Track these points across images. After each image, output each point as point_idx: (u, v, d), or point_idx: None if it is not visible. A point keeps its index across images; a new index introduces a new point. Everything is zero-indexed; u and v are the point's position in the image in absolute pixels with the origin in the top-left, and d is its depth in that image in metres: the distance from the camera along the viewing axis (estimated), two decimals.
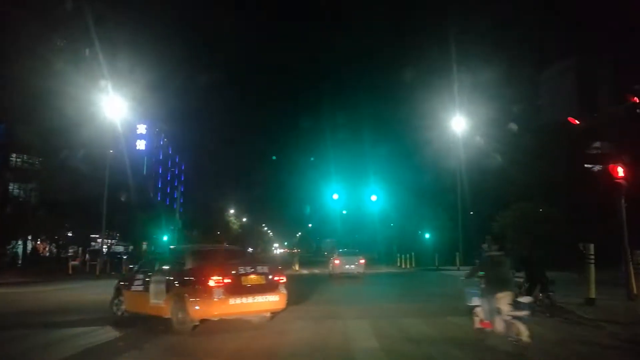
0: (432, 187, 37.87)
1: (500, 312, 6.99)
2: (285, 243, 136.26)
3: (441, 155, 37.63)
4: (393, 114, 44.11)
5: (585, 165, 46.52)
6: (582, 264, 11.49)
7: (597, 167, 47.88)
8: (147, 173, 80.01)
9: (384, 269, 30.15)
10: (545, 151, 40.48)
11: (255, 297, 8.81)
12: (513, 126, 38.55)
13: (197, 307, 8.45)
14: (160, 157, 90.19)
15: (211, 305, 8.41)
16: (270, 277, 9.16)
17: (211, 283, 8.43)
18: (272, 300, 9.03)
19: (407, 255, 30.57)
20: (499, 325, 7.03)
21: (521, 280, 10.78)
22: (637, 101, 12.87)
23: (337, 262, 23.52)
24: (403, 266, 30.65)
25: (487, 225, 33.59)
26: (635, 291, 11.68)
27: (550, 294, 10.19)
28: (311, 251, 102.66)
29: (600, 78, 49.94)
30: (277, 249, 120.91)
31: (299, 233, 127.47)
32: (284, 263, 43.58)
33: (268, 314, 9.47)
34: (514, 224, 31.79)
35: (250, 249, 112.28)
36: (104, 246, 44.63)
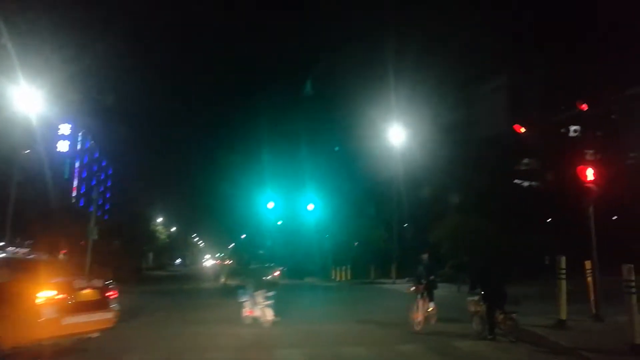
0: (369, 197, 37.14)
1: (257, 304, 11.21)
2: (218, 255, 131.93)
3: (378, 165, 37.18)
4: (331, 123, 43.20)
5: (515, 181, 48.19)
6: (543, 278, 10.43)
7: (526, 183, 49.69)
8: (69, 177, 74.55)
9: (318, 282, 28.78)
10: (479, 164, 41.28)
11: (91, 314, 7.75)
12: None
13: (17, 331, 6.81)
14: (86, 161, 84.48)
15: (38, 327, 6.85)
16: (103, 292, 8.35)
17: (39, 300, 6.92)
18: (106, 318, 8.21)
19: (343, 267, 29.35)
20: (257, 312, 11.21)
21: (475, 299, 9.64)
22: (585, 109, 12.20)
23: (277, 272, 26.00)
24: (338, 279, 29.41)
25: (423, 236, 33.29)
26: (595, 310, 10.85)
27: (514, 315, 8.85)
28: (244, 263, 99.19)
29: (530, 96, 51.69)
30: (208, 261, 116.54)
31: (232, 244, 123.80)
32: (213, 275, 41.31)
33: (96, 334, 8.26)
34: (449, 235, 31.70)
35: (178, 260, 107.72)
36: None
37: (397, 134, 35.58)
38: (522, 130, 14.46)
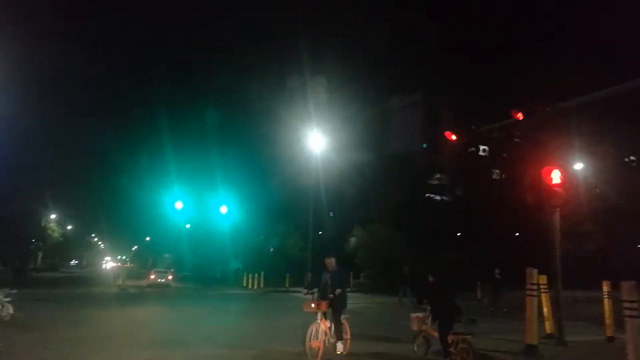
0: (285, 204, 35.97)
1: None
2: (120, 257, 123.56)
3: (296, 172, 36.35)
4: (247, 127, 41.66)
5: (427, 195, 49.67)
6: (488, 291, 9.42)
7: (438, 197, 51.36)
8: None
9: (227, 290, 26.98)
10: (393, 178, 41.91)
11: None
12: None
13: None
14: None
15: None
16: None
17: None
18: None
19: (256, 275, 27.76)
20: None
21: (420, 315, 8.52)
22: (521, 118, 11.74)
23: (152, 276, 32.98)
24: (250, 287, 27.80)
25: (338, 245, 32.72)
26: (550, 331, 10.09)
27: (468, 336, 7.48)
28: (147, 266, 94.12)
29: (443, 114, 53.60)
30: (109, 263, 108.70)
31: (135, 247, 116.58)
32: (112, 278, 37.73)
33: None
34: (365, 244, 31.45)
35: (74, 262, 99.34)
36: None
37: (315, 141, 35.04)
38: (454, 137, 13.45)
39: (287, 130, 35.51)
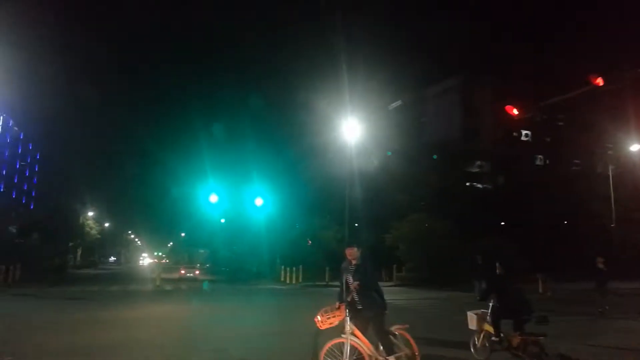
0: (321, 195, 34.77)
1: None
2: (156, 253, 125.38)
3: (331, 162, 35.15)
4: (282, 117, 40.47)
5: (468, 183, 47.60)
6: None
7: (479, 185, 49.17)
8: None
9: (265, 285, 25.92)
10: (432, 166, 40.21)
11: None
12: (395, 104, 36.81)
13: None
14: (9, 141, 76.87)
15: None
16: None
17: None
18: None
19: (293, 269, 26.60)
20: None
21: (479, 313, 7.23)
22: (602, 84, 10.15)
23: (182, 271, 37.72)
24: (288, 281, 26.69)
25: (378, 237, 31.37)
26: None
27: (541, 338, 6.23)
28: (182, 262, 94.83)
29: (482, 99, 51.30)
30: (146, 259, 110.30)
31: (171, 243, 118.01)
32: (149, 275, 37.36)
33: None
34: (406, 236, 29.96)
35: (112, 258, 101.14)
36: None
37: (350, 130, 33.81)
38: (515, 111, 11.87)
39: (322, 120, 34.32)
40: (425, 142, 47.04)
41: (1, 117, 70.67)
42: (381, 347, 5.47)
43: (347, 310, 5.32)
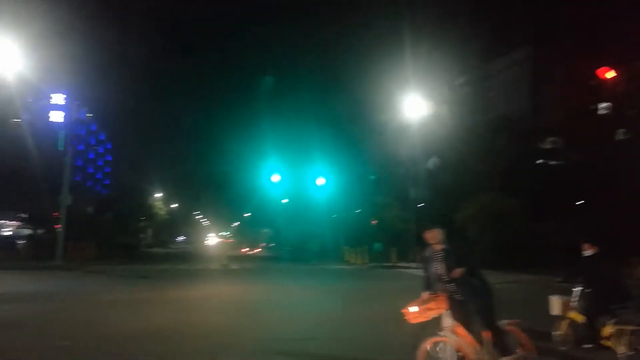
0: (384, 174, 33.87)
1: None
2: (222, 233, 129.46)
3: (394, 139, 34.11)
4: (343, 94, 39.61)
5: (539, 160, 44.88)
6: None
7: (552, 162, 46.31)
8: (64, 149, 71.35)
9: (329, 265, 25.63)
10: (500, 143, 38.13)
11: None
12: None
13: None
14: (83, 132, 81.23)
15: None
16: None
17: None
18: None
19: (358, 249, 26.10)
20: None
21: (567, 298, 6.40)
22: None
23: (245, 249, 33.94)
24: (352, 262, 26.25)
25: (445, 216, 30.21)
26: None
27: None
28: (248, 242, 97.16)
29: (553, 70, 47.89)
30: (212, 239, 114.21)
31: (236, 223, 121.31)
32: (215, 255, 38.29)
33: None
34: (478, 216, 28.55)
35: (181, 238, 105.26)
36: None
37: (413, 106, 32.60)
38: (610, 74, 10.50)
39: (384, 97, 33.29)
40: (492, 118, 44.88)
41: (74, 105, 74.52)
42: (489, 346, 4.42)
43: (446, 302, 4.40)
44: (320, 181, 28.73)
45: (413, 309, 4.47)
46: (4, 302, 10.33)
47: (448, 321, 4.38)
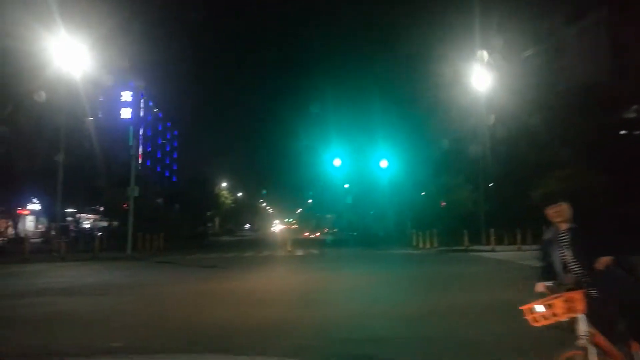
0: (451, 152, 32.22)
1: None
2: (287, 220, 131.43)
3: (461, 115, 32.29)
4: (406, 72, 37.87)
5: (622, 131, 41.16)
6: None
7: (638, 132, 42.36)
8: (134, 143, 74.61)
9: (397, 250, 24.66)
10: (576, 114, 35.26)
11: None
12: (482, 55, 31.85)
13: None
14: (150, 127, 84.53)
15: None
16: None
17: None
18: None
19: (427, 233, 24.89)
20: None
21: None
22: None
23: (307, 233, 32.10)
24: (421, 245, 25.11)
25: (517, 197, 28.32)
26: None
27: None
28: (311, 228, 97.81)
29: (633, 33, 43.66)
30: (277, 225, 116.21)
31: (300, 209, 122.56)
32: (280, 241, 38.37)
33: None
34: (554, 193, 26.42)
35: (247, 226, 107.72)
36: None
37: (481, 78, 30.64)
38: None
39: (449, 73, 31.49)
40: (566, 88, 41.69)
41: (142, 100, 77.55)
42: None
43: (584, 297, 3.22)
44: (384, 164, 27.66)
45: (539, 308, 3.31)
46: (60, 295, 10.32)
47: (584, 328, 3.24)
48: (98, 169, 37.42)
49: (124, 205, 26.53)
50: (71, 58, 23.79)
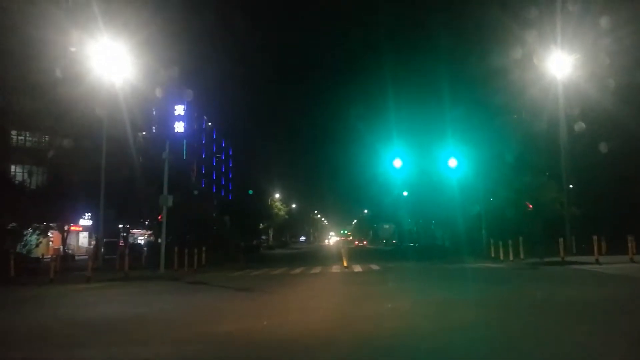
0: (530, 148, 28.01)
1: None
2: (342, 231, 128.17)
3: (537, 106, 28.13)
4: (471, 58, 33.73)
5: None
6: None
7: None
8: (187, 158, 74.45)
9: (471, 263, 20.85)
10: None
11: None
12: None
13: None
14: (204, 141, 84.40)
15: None
16: None
17: None
18: None
19: (508, 242, 20.86)
20: None
21: None
22: None
23: (357, 242, 34.23)
24: (502, 257, 21.18)
25: (616, 199, 23.91)
26: None
27: None
28: (359, 236, 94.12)
29: None
30: (332, 237, 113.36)
31: (355, 220, 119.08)
32: (336, 255, 35.13)
33: None
34: None
35: (302, 238, 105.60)
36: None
37: (559, 64, 26.49)
38: None
39: (520, 54, 27.43)
40: None
41: (200, 120, 77.56)
42: None
43: None
44: (452, 163, 24.07)
45: None
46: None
47: None
48: (149, 183, 36.39)
49: (159, 217, 24.45)
50: (124, 72, 23.63)
